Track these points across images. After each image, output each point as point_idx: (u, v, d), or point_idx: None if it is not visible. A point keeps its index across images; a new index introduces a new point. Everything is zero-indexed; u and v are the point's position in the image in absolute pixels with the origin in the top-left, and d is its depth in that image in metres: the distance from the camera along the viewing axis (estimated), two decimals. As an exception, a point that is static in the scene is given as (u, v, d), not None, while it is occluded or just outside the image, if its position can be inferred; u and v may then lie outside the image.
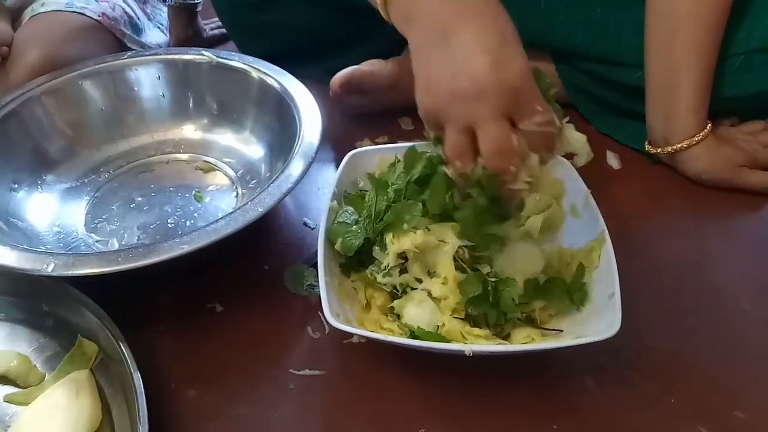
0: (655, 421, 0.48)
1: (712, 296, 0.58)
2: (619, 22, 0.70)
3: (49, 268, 0.47)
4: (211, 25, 1.00)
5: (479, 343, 0.48)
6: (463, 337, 0.49)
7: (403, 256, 0.50)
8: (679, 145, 0.68)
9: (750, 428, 0.47)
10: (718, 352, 0.53)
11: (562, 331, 0.50)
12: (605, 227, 0.53)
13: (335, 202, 0.56)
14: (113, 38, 0.82)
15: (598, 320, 0.48)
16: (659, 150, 0.70)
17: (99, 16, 0.80)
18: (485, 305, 0.49)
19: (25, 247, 0.51)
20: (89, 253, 0.58)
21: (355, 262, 0.54)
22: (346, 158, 0.60)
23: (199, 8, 0.96)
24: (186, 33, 0.94)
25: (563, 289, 0.51)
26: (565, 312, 0.51)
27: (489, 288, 0.49)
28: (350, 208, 0.55)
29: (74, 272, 0.47)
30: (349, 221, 0.53)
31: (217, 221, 0.51)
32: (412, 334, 0.49)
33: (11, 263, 0.49)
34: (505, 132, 0.43)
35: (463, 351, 0.44)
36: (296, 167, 0.57)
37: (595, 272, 0.52)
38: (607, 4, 0.71)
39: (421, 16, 0.45)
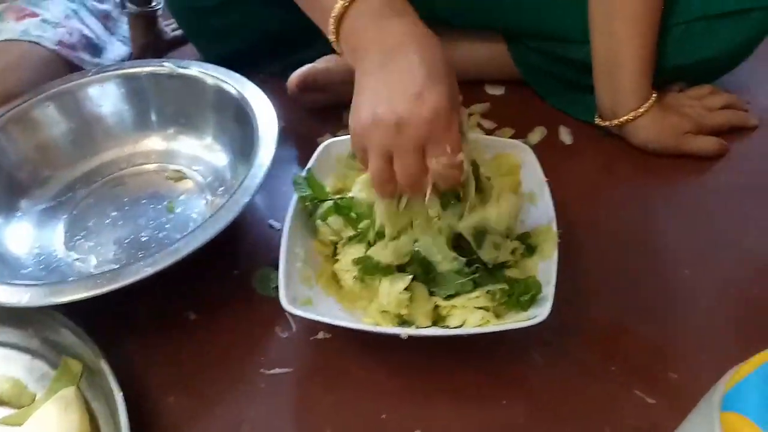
0: (597, 389, 0.52)
1: (655, 264, 0.61)
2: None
3: (24, 299, 0.51)
4: (173, 26, 1.01)
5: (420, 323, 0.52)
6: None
7: None
8: (626, 117, 0.70)
9: (681, 387, 0.51)
10: (656, 319, 0.57)
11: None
12: (554, 217, 0.55)
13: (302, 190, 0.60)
14: (71, 68, 0.81)
15: (537, 303, 0.51)
16: (608, 123, 0.73)
17: (56, 45, 0.79)
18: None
19: (3, 280, 0.55)
20: (60, 281, 0.58)
21: None
22: (319, 149, 0.63)
23: (160, 12, 0.96)
24: (146, 38, 0.94)
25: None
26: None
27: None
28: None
29: (49, 301, 0.51)
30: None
31: (179, 240, 0.54)
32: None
33: (-10, 297, 0.52)
34: (419, 163, 0.46)
35: (399, 334, 0.48)
36: (253, 178, 0.59)
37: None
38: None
39: (364, 47, 0.48)
